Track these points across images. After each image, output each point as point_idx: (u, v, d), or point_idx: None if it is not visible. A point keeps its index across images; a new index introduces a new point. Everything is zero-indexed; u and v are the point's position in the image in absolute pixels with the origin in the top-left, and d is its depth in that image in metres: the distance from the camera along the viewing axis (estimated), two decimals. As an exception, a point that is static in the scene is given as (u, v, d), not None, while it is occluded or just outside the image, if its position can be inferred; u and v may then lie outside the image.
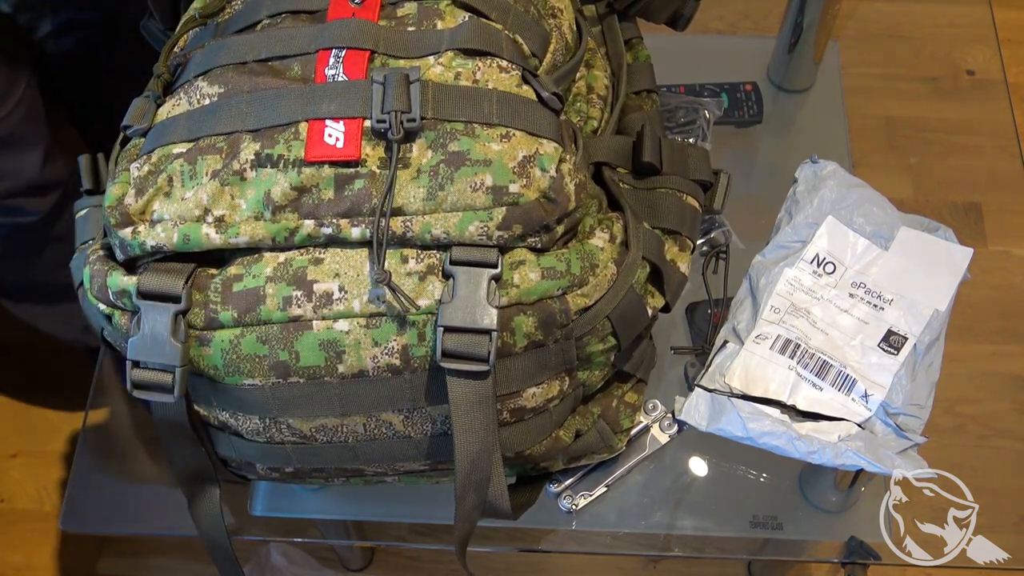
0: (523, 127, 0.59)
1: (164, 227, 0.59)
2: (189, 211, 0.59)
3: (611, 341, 0.64)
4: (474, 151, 0.58)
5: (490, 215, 0.57)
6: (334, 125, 0.58)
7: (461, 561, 0.67)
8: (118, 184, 0.62)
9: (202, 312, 0.59)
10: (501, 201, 0.57)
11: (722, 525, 0.83)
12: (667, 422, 0.81)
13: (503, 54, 0.61)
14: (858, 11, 1.16)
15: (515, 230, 0.58)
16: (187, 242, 0.59)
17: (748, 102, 1.02)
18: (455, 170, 0.57)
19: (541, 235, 0.59)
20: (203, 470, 0.68)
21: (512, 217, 0.58)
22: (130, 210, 0.60)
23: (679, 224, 0.69)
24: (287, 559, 1.31)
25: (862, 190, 0.85)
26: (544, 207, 0.58)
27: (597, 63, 0.73)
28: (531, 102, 0.60)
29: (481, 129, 0.59)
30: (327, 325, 0.59)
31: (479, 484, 0.61)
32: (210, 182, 0.59)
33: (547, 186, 0.58)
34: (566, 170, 0.59)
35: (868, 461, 0.73)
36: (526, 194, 0.58)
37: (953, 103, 1.14)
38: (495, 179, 0.57)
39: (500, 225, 0.58)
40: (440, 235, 0.58)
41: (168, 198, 0.60)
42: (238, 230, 0.59)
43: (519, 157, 0.58)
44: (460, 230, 0.58)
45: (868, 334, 0.79)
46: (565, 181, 0.59)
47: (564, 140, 0.60)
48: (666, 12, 0.81)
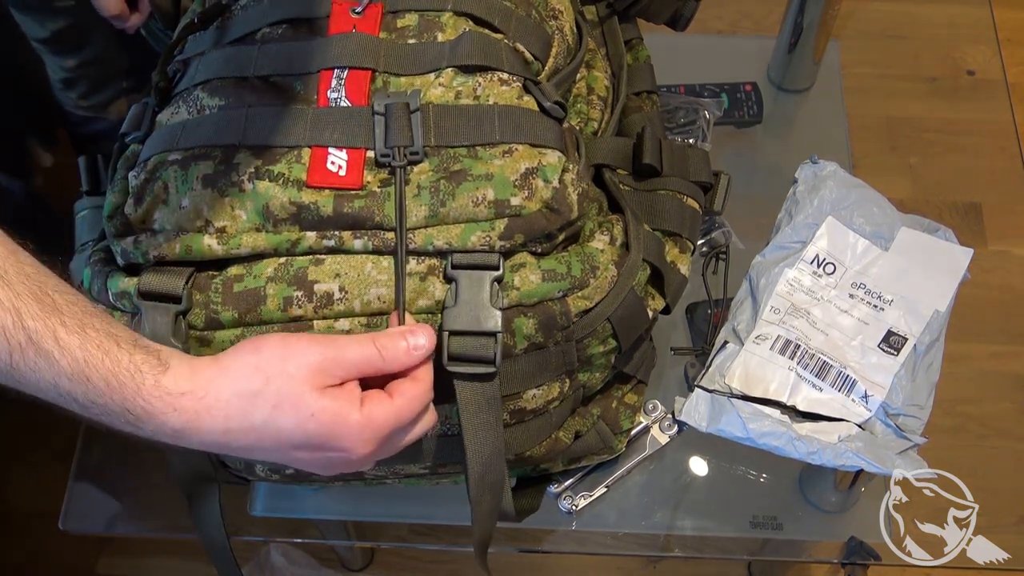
0: (526, 140, 0.59)
1: (166, 237, 0.59)
2: (190, 222, 0.59)
3: (612, 343, 0.64)
4: (475, 168, 0.58)
5: (492, 226, 0.58)
6: (337, 153, 0.59)
7: (482, 565, 0.67)
8: (116, 193, 0.62)
9: (203, 312, 0.59)
10: (503, 213, 0.58)
11: (722, 525, 0.83)
12: (667, 423, 0.81)
13: (503, 67, 0.61)
14: (858, 11, 1.16)
15: (517, 239, 0.58)
16: (189, 252, 0.59)
17: (748, 102, 1.02)
18: (456, 186, 0.58)
19: (542, 242, 0.60)
20: (202, 471, 0.68)
21: (514, 228, 0.58)
22: (131, 219, 0.60)
23: (679, 226, 0.69)
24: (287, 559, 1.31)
25: (862, 190, 0.85)
26: (546, 217, 0.59)
27: (597, 64, 0.73)
28: (533, 113, 0.60)
29: (483, 150, 0.59)
30: (328, 325, 0.59)
31: (494, 486, 0.61)
32: (204, 190, 0.59)
33: (550, 197, 0.58)
34: (569, 180, 0.59)
35: (868, 461, 0.73)
36: (528, 206, 0.58)
37: (953, 103, 1.14)
38: (496, 193, 0.58)
39: (502, 235, 0.58)
40: (442, 246, 0.58)
41: (166, 206, 0.60)
42: (240, 241, 0.59)
43: (522, 170, 0.58)
44: (463, 241, 0.58)
45: (868, 334, 0.79)
46: (568, 191, 0.59)
47: (567, 149, 0.61)
48: (666, 13, 0.81)
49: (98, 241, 0.66)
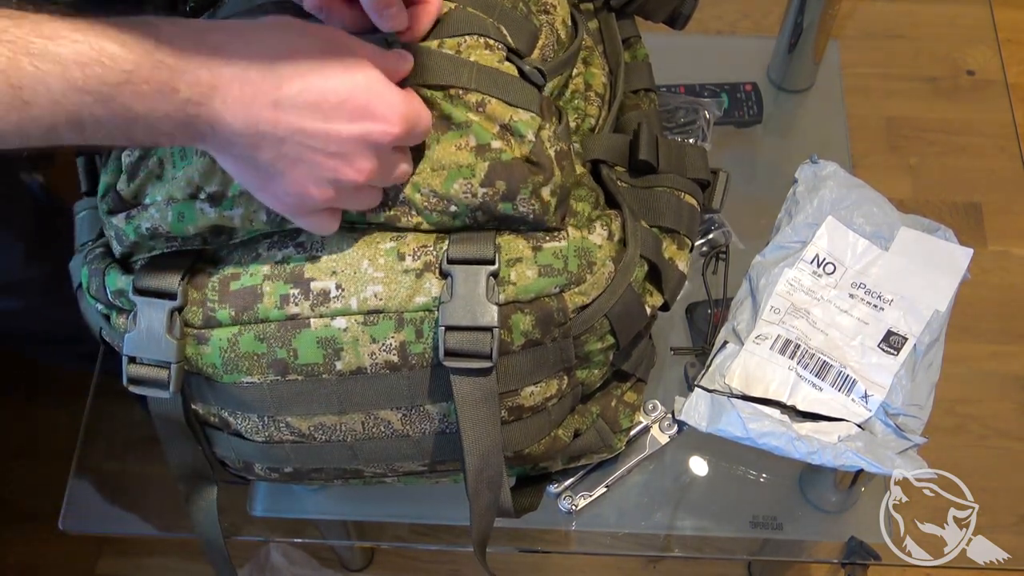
0: (500, 96, 0.59)
1: (158, 208, 0.59)
2: (181, 190, 0.59)
3: (610, 340, 0.64)
4: (455, 115, 0.58)
5: (472, 171, 0.57)
6: None
7: (481, 562, 0.67)
8: (110, 173, 0.62)
9: (200, 310, 0.59)
10: (484, 156, 0.57)
11: (722, 525, 0.83)
12: (667, 422, 0.81)
13: (489, 33, 0.61)
14: (858, 11, 1.16)
15: (498, 187, 0.58)
16: (181, 220, 0.59)
17: (748, 102, 1.02)
18: (441, 134, 0.58)
19: (531, 199, 0.59)
20: (200, 468, 0.68)
21: (495, 173, 0.57)
22: (123, 195, 0.60)
23: (677, 222, 0.69)
24: (287, 559, 1.31)
25: (862, 190, 0.85)
26: (528, 168, 0.58)
27: (595, 61, 0.73)
28: (511, 76, 0.60)
29: (459, 98, 0.58)
30: (325, 323, 0.59)
31: (491, 480, 0.61)
32: (199, 159, 0.59)
33: (528, 151, 0.58)
34: (545, 136, 0.59)
35: (868, 461, 0.72)
36: (507, 151, 0.58)
37: (953, 103, 1.14)
38: (478, 139, 0.58)
39: (483, 181, 0.57)
40: (428, 194, 0.58)
41: (160, 180, 0.59)
42: (232, 203, 0.58)
43: (496, 124, 0.58)
44: (445, 188, 0.58)
45: (868, 334, 0.79)
46: (545, 146, 0.59)
47: (544, 112, 0.60)
48: (664, 11, 0.81)
49: (96, 240, 0.66)
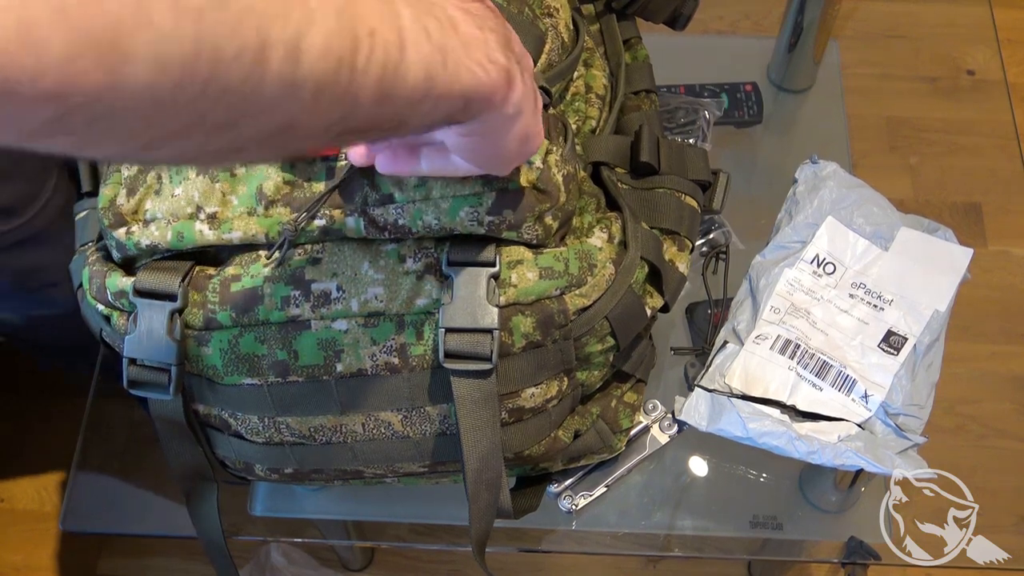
0: None
1: (158, 226, 0.59)
2: (181, 208, 0.59)
3: (610, 341, 0.64)
4: None
5: (480, 200, 0.57)
6: None
7: (480, 563, 0.67)
8: (110, 185, 0.62)
9: (200, 312, 0.59)
10: (492, 187, 0.57)
11: (722, 525, 0.83)
12: (667, 422, 0.81)
13: None
14: (858, 11, 1.16)
15: (506, 216, 0.57)
16: (181, 240, 0.59)
17: (748, 102, 1.02)
18: None
19: (535, 225, 0.59)
20: (200, 469, 0.68)
21: (502, 202, 0.57)
22: (123, 210, 0.60)
23: (677, 224, 0.69)
24: (287, 559, 1.31)
25: (862, 190, 0.85)
26: (535, 196, 0.58)
27: (596, 62, 0.73)
28: None
29: None
30: (325, 324, 0.59)
31: (491, 482, 0.61)
32: (198, 178, 0.59)
33: (535, 177, 0.58)
34: (552, 161, 0.59)
35: (868, 461, 0.73)
36: (515, 179, 0.57)
37: (953, 103, 1.14)
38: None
39: (490, 210, 0.57)
40: (431, 221, 0.58)
41: (158, 196, 0.60)
42: (231, 226, 0.59)
43: None
44: (451, 216, 0.57)
45: (868, 334, 0.79)
46: (552, 172, 0.59)
47: (551, 133, 0.60)
48: (665, 12, 0.81)
49: (97, 241, 0.66)
